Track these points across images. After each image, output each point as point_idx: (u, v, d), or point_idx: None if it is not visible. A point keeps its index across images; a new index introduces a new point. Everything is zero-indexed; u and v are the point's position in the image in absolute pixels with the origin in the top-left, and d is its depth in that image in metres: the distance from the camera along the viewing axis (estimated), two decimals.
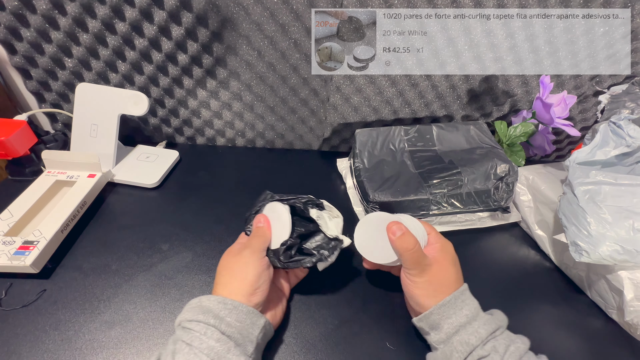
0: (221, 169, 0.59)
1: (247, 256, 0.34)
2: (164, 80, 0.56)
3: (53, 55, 0.52)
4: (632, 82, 0.54)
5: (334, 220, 0.40)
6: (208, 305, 0.31)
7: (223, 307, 0.30)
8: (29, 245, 0.39)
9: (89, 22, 0.49)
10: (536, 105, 0.51)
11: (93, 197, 0.49)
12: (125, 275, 0.41)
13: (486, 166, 0.49)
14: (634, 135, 0.44)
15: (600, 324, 0.41)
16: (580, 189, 0.40)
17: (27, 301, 0.37)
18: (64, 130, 0.61)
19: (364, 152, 0.54)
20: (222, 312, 0.30)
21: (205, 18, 0.49)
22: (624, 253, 0.36)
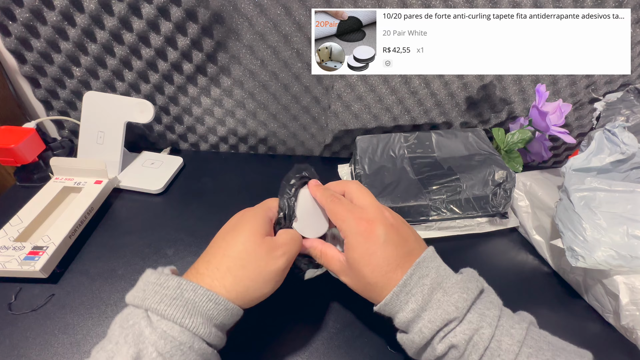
0: (224, 175, 0.60)
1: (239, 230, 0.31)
2: (169, 88, 0.57)
3: (62, 65, 0.53)
4: (627, 90, 0.55)
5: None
6: (194, 300, 0.25)
7: (214, 306, 0.26)
8: (38, 251, 0.40)
9: (97, 32, 0.51)
10: (532, 113, 0.52)
11: (100, 203, 0.50)
12: (131, 280, 0.42)
13: (484, 172, 0.50)
14: (628, 142, 0.45)
15: (597, 328, 0.42)
16: (576, 195, 0.41)
17: (36, 305, 0.38)
18: (71, 137, 0.62)
19: (365, 158, 0.55)
20: (211, 312, 0.26)
21: (210, 29, 0.50)
22: (619, 258, 0.37)
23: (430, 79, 0.57)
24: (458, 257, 0.48)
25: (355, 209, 0.31)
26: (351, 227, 0.30)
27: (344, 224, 0.31)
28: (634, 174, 0.46)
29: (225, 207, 0.53)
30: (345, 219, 0.31)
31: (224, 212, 0.53)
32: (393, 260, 0.29)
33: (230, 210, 0.53)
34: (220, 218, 0.52)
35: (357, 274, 0.30)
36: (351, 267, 0.30)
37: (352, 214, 0.31)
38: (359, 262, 0.30)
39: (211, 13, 0.49)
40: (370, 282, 0.29)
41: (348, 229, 0.30)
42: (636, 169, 0.47)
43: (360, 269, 0.30)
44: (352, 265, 0.30)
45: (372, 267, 0.29)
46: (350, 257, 0.30)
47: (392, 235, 0.30)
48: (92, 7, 0.48)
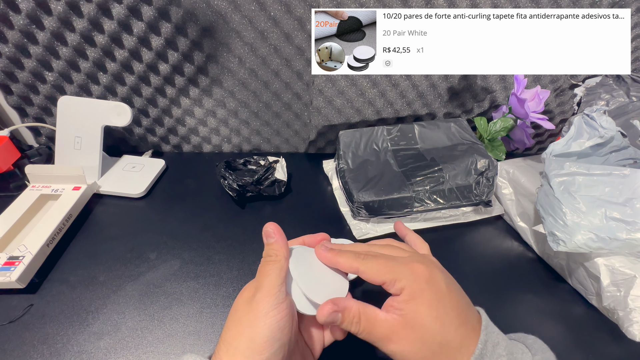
0: (208, 176, 0.59)
1: (259, 302, 0.24)
2: (147, 90, 0.56)
3: (33, 70, 0.52)
4: (606, 75, 0.56)
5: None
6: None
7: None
8: (14, 261, 0.39)
9: (67, 35, 0.49)
10: (512, 100, 0.52)
11: (79, 209, 0.49)
12: (113, 286, 0.41)
13: (467, 162, 0.50)
14: (606, 126, 0.46)
15: (581, 310, 0.42)
16: (556, 180, 0.42)
17: (13, 317, 0.37)
18: (48, 144, 0.61)
19: (348, 153, 0.54)
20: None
21: (184, 27, 0.49)
22: (598, 240, 0.37)
23: None
24: (445, 247, 0.48)
25: (397, 257, 0.26)
26: (407, 274, 0.24)
27: (395, 274, 0.24)
28: (614, 157, 0.47)
29: (208, 208, 0.53)
30: (394, 268, 0.25)
31: (208, 214, 0.52)
32: (462, 312, 0.24)
33: (214, 212, 0.53)
34: (204, 220, 0.51)
35: (421, 334, 0.23)
36: (413, 325, 0.23)
37: (399, 261, 0.25)
38: (427, 316, 0.23)
39: (184, 11, 0.48)
40: (441, 342, 0.23)
41: (403, 276, 0.24)
42: (615, 152, 0.47)
43: (428, 324, 0.23)
44: (415, 322, 0.23)
45: (443, 320, 0.23)
46: (413, 311, 0.23)
47: (450, 280, 0.25)
48: (59, 9, 0.46)
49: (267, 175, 0.54)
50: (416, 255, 0.27)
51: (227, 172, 0.52)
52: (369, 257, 0.26)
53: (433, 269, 0.25)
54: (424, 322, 0.23)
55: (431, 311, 0.23)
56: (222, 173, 0.52)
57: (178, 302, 0.40)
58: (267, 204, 0.54)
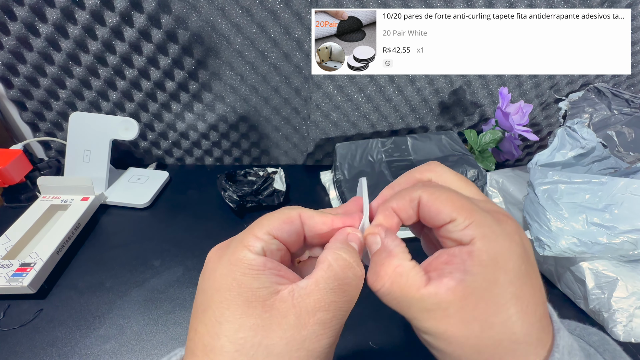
0: (209, 187, 0.62)
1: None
2: (153, 105, 0.59)
3: (48, 88, 0.55)
4: (587, 89, 0.59)
5: None
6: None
7: None
8: (26, 267, 0.41)
9: (81, 56, 0.53)
10: (497, 114, 0.55)
11: (87, 219, 0.51)
12: (119, 292, 0.43)
13: (457, 172, 0.53)
14: (587, 137, 0.48)
15: (571, 314, 0.44)
16: (540, 188, 0.44)
17: (24, 321, 0.39)
18: (58, 157, 0.63)
19: (344, 164, 0.57)
20: None
21: (190, 48, 0.53)
22: (581, 245, 0.39)
23: (403, 86, 0.60)
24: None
25: (472, 198, 0.18)
26: (489, 223, 0.16)
27: (474, 215, 0.16)
28: (596, 167, 0.49)
29: (210, 218, 0.55)
30: (472, 207, 0.17)
31: (209, 223, 0.55)
32: (544, 298, 0.16)
33: (215, 221, 0.55)
34: (206, 228, 0.54)
35: (487, 315, 0.15)
36: (479, 300, 0.15)
37: (478, 203, 0.17)
38: (506, 291, 0.15)
39: (191, 33, 0.51)
40: (516, 332, 0.15)
41: (485, 224, 0.16)
42: (597, 161, 0.50)
43: (504, 303, 0.15)
44: (485, 296, 0.15)
45: (527, 302, 0.15)
46: (486, 280, 0.15)
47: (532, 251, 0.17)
48: (76, 33, 0.50)
49: (266, 185, 0.56)
50: (496, 205, 0.18)
51: (227, 184, 0.55)
52: (434, 186, 0.19)
53: (522, 230, 0.17)
54: (499, 299, 0.15)
55: (514, 287, 0.15)
56: (222, 185, 0.55)
57: (181, 307, 0.41)
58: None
